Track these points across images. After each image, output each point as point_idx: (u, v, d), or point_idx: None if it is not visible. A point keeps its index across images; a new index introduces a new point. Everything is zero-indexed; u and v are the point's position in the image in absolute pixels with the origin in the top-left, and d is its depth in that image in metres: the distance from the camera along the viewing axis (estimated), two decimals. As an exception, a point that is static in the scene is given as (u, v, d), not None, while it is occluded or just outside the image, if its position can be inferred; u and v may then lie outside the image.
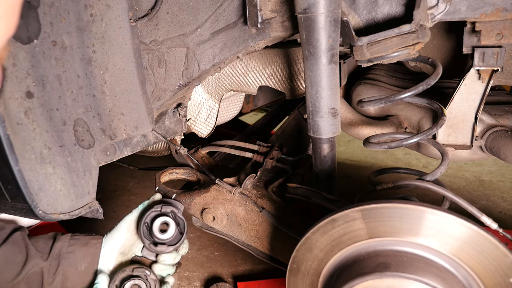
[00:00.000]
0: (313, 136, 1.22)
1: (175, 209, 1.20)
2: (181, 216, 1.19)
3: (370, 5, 1.11)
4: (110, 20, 1.07)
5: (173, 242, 1.18)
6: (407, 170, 1.38)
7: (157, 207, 1.19)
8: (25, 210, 1.01)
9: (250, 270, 1.95)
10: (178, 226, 1.19)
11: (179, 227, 1.19)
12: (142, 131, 1.23)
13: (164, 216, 1.17)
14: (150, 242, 1.16)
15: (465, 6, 1.10)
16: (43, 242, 1.14)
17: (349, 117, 1.70)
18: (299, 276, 1.12)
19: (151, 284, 1.15)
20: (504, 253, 0.89)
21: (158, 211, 1.18)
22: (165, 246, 1.16)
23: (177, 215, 1.19)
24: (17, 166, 0.93)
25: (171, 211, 1.19)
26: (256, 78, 1.69)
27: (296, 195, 1.32)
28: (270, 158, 1.62)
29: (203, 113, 1.72)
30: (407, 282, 0.93)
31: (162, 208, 1.19)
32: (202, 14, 1.21)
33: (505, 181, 2.87)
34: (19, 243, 1.10)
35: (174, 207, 1.21)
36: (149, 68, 1.23)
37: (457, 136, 1.43)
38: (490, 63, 1.22)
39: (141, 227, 1.16)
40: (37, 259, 1.09)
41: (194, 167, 1.69)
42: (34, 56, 0.94)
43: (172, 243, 1.17)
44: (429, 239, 0.95)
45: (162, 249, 1.16)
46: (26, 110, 0.95)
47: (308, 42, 1.07)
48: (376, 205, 0.97)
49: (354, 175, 3.03)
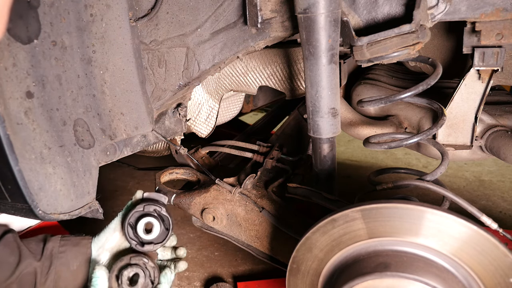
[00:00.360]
0: (313, 136, 1.22)
1: (158, 207, 1.19)
2: (165, 213, 1.19)
3: (370, 5, 1.11)
4: (110, 20, 1.07)
5: (159, 239, 1.18)
6: (407, 170, 1.38)
7: (140, 207, 1.18)
8: (25, 210, 1.01)
9: (250, 270, 1.95)
10: (163, 222, 1.19)
11: (164, 223, 1.19)
12: (142, 131, 1.23)
13: (148, 216, 1.17)
14: (136, 242, 1.16)
15: (465, 6, 1.10)
16: (34, 243, 1.15)
17: (349, 117, 1.70)
18: (299, 276, 1.12)
19: (150, 271, 1.14)
20: (504, 253, 0.89)
21: (140, 211, 1.18)
22: (152, 245, 1.17)
23: (160, 213, 1.19)
24: (17, 166, 0.93)
25: (154, 209, 1.18)
26: (256, 78, 1.69)
27: (296, 195, 1.32)
28: (270, 158, 1.62)
29: (203, 113, 1.72)
30: (407, 282, 0.93)
31: (144, 207, 1.18)
32: (202, 14, 1.21)
33: (505, 181, 2.87)
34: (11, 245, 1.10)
35: (157, 205, 1.20)
36: (149, 68, 1.23)
37: (457, 136, 1.43)
38: (490, 63, 1.22)
39: (126, 228, 1.16)
40: (30, 260, 1.10)
41: (194, 167, 1.69)
42: (34, 56, 0.94)
43: (158, 240, 1.17)
44: (429, 239, 0.95)
45: (149, 248, 1.16)
46: (26, 110, 0.95)
47: (308, 42, 1.07)
48: (376, 205, 0.97)
49: (354, 175, 3.03)
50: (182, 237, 2.23)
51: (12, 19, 0.86)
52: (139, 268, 1.14)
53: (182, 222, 2.36)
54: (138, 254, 1.16)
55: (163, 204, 1.23)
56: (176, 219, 2.39)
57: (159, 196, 1.25)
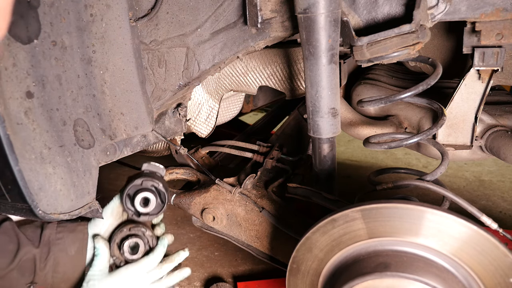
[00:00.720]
0: (313, 136, 1.22)
1: (155, 183, 1.24)
2: (161, 189, 1.24)
3: (370, 5, 1.11)
4: (110, 20, 1.07)
5: (155, 211, 1.24)
6: (407, 170, 1.38)
7: (138, 181, 1.23)
8: (25, 210, 1.01)
9: (250, 270, 1.95)
10: (159, 195, 1.24)
11: (161, 197, 1.24)
12: (142, 131, 1.23)
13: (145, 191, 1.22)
14: (133, 212, 1.23)
15: (465, 6, 1.10)
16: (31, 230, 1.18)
17: (349, 117, 1.70)
18: (299, 276, 1.12)
19: (148, 240, 1.22)
20: (504, 253, 0.89)
21: (139, 185, 1.23)
22: (147, 216, 1.23)
23: (158, 188, 1.23)
24: (17, 166, 0.93)
25: (152, 185, 1.23)
26: (256, 78, 1.69)
27: (296, 195, 1.32)
28: (270, 158, 1.62)
29: (203, 113, 1.72)
30: (407, 282, 0.93)
31: (143, 182, 1.23)
32: (202, 14, 1.21)
33: (505, 181, 2.87)
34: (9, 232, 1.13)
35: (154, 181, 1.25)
36: (149, 68, 1.23)
37: (457, 136, 1.43)
38: (490, 63, 1.22)
39: (124, 199, 1.22)
40: (29, 247, 1.13)
41: (194, 167, 1.69)
42: (34, 56, 0.94)
43: (154, 212, 1.24)
44: (429, 239, 0.95)
45: (145, 219, 1.23)
46: (26, 110, 0.95)
47: (308, 42, 1.07)
48: (376, 205, 0.97)
49: (354, 175, 3.03)
50: (182, 237, 2.23)
51: (12, 19, 0.87)
52: (138, 237, 1.21)
53: (182, 222, 2.36)
54: (137, 225, 1.22)
55: (160, 177, 1.28)
56: (176, 219, 2.39)
57: (157, 168, 1.29)
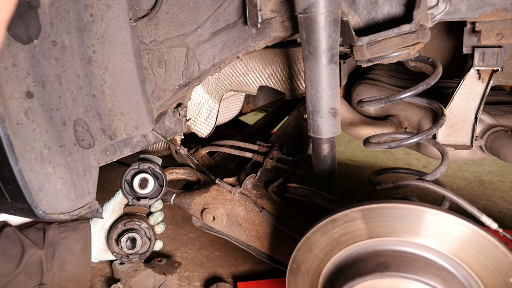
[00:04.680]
0: (313, 136, 1.22)
1: (152, 165, 1.27)
2: (159, 171, 1.28)
3: (370, 5, 1.11)
4: (110, 20, 1.07)
5: (154, 195, 1.26)
6: (407, 170, 1.38)
7: (135, 165, 1.28)
8: (25, 210, 1.01)
9: (250, 270, 1.95)
10: (158, 180, 1.26)
11: (159, 181, 1.26)
12: (142, 131, 1.23)
13: (142, 172, 1.22)
14: (133, 197, 1.25)
15: (465, 6, 1.10)
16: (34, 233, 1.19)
17: (349, 117, 1.70)
18: (299, 276, 1.12)
19: (145, 231, 1.24)
20: (504, 253, 0.89)
21: (136, 168, 1.27)
22: (147, 200, 1.25)
23: (155, 170, 1.25)
24: (17, 166, 0.93)
25: (149, 167, 1.27)
26: (256, 78, 1.69)
27: (296, 195, 1.32)
28: (270, 158, 1.62)
29: (203, 113, 1.72)
30: (407, 282, 0.93)
31: (139, 165, 1.28)
32: (202, 14, 1.21)
33: (505, 181, 2.87)
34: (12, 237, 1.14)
35: (151, 163, 1.28)
36: (149, 68, 1.23)
37: (457, 136, 1.43)
38: (490, 63, 1.22)
39: (123, 184, 1.25)
40: (34, 249, 1.14)
41: (194, 167, 1.69)
42: (34, 56, 0.94)
43: (153, 196, 1.26)
44: (429, 239, 0.95)
45: (145, 203, 1.26)
46: (26, 110, 0.95)
47: (308, 42, 1.07)
48: (376, 205, 0.97)
49: (354, 175, 3.03)
50: (182, 237, 2.23)
51: (12, 19, 0.87)
52: (134, 232, 1.23)
53: (182, 222, 2.36)
54: (131, 219, 1.25)
55: (157, 163, 1.31)
56: (176, 219, 2.39)
57: (153, 157, 1.33)
